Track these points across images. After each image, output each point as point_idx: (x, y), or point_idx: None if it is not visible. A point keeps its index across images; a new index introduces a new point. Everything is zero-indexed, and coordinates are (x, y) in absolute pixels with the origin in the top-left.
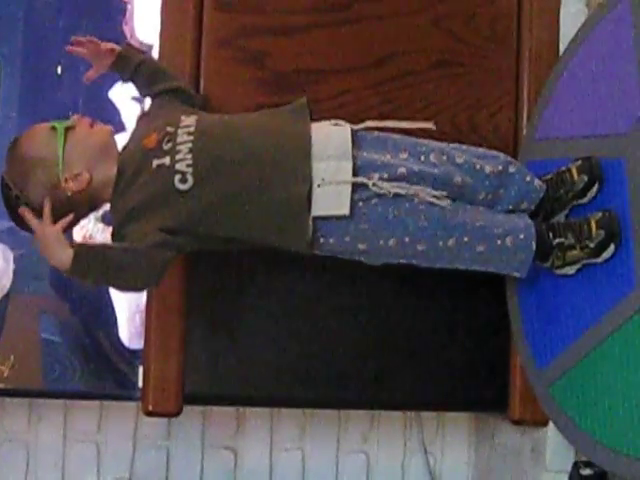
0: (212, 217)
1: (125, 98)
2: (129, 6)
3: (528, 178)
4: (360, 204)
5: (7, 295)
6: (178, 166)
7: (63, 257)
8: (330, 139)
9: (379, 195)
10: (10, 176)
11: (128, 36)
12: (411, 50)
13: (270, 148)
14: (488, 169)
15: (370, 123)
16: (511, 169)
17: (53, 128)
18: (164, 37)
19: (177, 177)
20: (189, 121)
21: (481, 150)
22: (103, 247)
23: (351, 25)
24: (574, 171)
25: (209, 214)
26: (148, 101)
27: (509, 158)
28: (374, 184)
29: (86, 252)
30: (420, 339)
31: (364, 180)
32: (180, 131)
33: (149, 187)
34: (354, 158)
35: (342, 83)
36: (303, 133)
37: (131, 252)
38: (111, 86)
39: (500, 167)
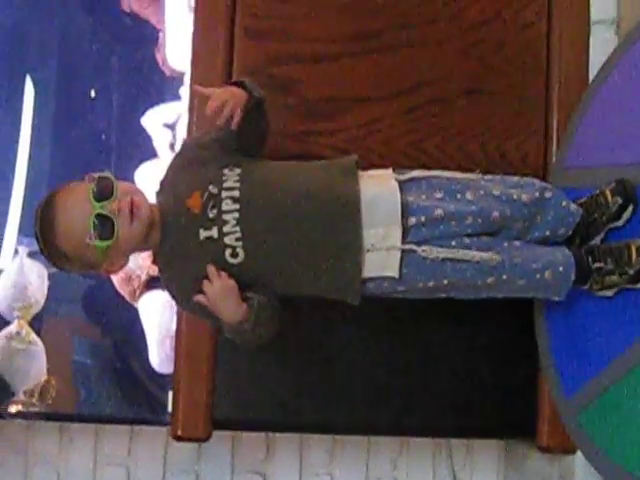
0: (264, 283)
1: (157, 124)
2: (161, 33)
3: (564, 203)
4: None
5: (40, 317)
6: (227, 240)
7: (239, 310)
8: (379, 203)
9: None
10: (47, 255)
11: (160, 63)
12: (440, 78)
13: (319, 219)
14: (525, 197)
15: (416, 173)
16: (547, 194)
17: (95, 246)
18: (195, 64)
19: (228, 251)
20: (232, 180)
21: (515, 179)
22: (264, 300)
23: (380, 53)
24: (608, 193)
25: (262, 282)
26: (180, 128)
27: (544, 183)
28: (423, 250)
29: (257, 303)
30: (449, 366)
31: (413, 247)
32: (224, 194)
33: (200, 261)
34: None
35: (371, 111)
36: (352, 201)
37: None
38: (143, 112)
39: (537, 194)
